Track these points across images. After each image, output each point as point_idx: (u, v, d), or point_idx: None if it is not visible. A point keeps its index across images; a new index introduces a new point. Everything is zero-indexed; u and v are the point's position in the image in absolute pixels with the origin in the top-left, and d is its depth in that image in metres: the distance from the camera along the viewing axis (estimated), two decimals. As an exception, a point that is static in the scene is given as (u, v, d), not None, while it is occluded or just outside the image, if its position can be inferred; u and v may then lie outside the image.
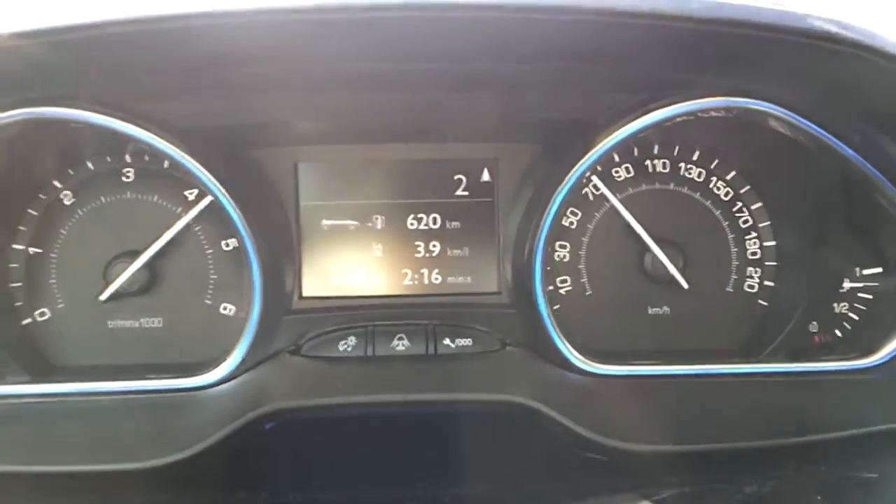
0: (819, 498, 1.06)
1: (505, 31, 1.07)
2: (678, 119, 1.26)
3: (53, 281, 1.41)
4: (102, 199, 1.41)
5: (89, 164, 1.41)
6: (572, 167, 1.29)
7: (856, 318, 1.43)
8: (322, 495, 1.15)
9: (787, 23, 1.04)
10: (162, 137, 1.24)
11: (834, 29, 1.04)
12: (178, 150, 1.24)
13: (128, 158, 1.41)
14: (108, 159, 1.41)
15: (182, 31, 1.04)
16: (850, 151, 1.26)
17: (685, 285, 1.41)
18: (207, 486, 1.17)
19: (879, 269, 1.40)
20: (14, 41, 1.02)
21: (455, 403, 1.24)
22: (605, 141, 1.27)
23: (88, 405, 1.25)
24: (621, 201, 1.43)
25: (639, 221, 1.42)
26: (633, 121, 1.25)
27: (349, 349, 1.32)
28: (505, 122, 1.39)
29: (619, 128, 1.26)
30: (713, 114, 1.28)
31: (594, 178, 1.42)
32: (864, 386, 1.30)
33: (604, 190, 1.42)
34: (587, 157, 1.28)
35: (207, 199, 1.36)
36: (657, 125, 1.25)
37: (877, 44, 1.06)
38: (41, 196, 1.40)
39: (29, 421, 1.23)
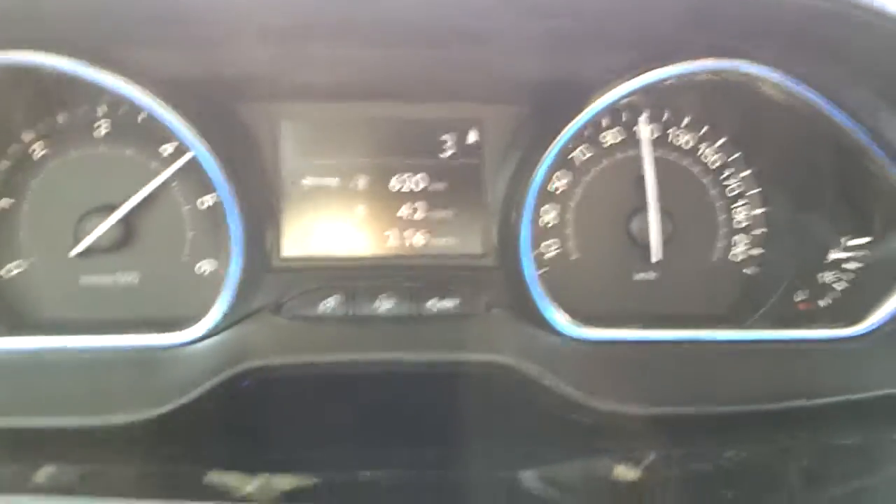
0: (805, 463, 1.06)
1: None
2: (669, 82, 1.23)
3: (24, 235, 1.36)
4: (74, 153, 1.36)
5: (60, 116, 1.35)
6: (561, 130, 1.26)
7: (841, 287, 1.42)
8: (303, 453, 1.13)
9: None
10: (138, 86, 1.19)
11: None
12: (155, 101, 1.20)
13: (102, 111, 1.36)
14: (81, 111, 1.36)
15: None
16: (844, 117, 1.24)
17: (655, 258, 1.37)
18: (188, 441, 1.15)
19: (867, 239, 1.38)
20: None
21: (438, 364, 1.22)
22: (595, 103, 1.24)
23: (64, 360, 1.21)
24: (615, 163, 1.40)
25: (627, 188, 1.40)
26: (624, 82, 1.22)
27: (330, 309, 1.29)
28: (493, 82, 1.35)
29: (611, 89, 1.23)
30: (706, 76, 1.25)
31: (642, 120, 1.37)
32: (850, 354, 1.30)
33: (642, 136, 1.37)
34: (576, 119, 1.25)
35: (188, 156, 1.29)
36: (649, 87, 1.22)
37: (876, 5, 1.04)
38: (10, 148, 1.34)
39: (3, 375, 1.20)
